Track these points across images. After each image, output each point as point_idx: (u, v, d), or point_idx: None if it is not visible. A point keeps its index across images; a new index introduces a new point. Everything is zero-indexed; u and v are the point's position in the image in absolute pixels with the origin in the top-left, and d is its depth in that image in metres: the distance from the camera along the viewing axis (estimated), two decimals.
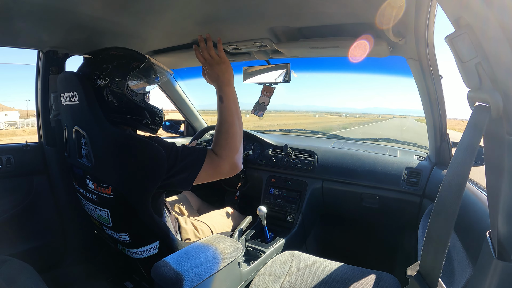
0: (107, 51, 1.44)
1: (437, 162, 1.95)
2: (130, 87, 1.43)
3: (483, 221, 1.07)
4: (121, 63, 1.40)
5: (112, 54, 1.42)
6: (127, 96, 1.42)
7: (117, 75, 1.39)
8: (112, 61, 1.39)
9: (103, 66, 1.38)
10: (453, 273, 1.07)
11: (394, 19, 1.15)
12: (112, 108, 1.41)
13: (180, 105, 2.92)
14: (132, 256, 1.55)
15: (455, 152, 0.60)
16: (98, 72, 1.37)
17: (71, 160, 1.54)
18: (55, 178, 2.06)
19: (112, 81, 1.38)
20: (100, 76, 1.37)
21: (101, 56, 1.41)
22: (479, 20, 0.52)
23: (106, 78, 1.37)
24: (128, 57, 1.44)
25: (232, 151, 1.46)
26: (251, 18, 1.46)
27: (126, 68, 1.41)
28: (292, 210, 2.32)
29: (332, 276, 1.48)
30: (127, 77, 1.41)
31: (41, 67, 1.95)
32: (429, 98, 1.66)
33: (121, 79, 1.40)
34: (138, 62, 1.44)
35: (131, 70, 1.42)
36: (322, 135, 3.07)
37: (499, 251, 0.57)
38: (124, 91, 1.41)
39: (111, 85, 1.38)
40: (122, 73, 1.40)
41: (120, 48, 1.47)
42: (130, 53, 1.47)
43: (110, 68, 1.38)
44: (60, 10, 1.38)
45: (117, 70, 1.39)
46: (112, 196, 1.39)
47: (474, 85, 0.57)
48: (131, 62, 1.43)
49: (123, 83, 1.40)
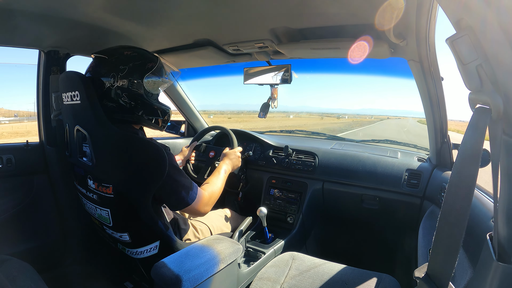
0: (120, 51, 1.45)
1: (437, 164, 1.95)
2: (146, 88, 1.46)
3: (483, 223, 1.06)
4: (137, 64, 1.42)
5: (127, 54, 1.43)
6: (143, 96, 1.46)
7: (135, 76, 1.41)
8: (128, 62, 1.41)
9: (120, 67, 1.39)
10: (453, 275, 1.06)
11: (395, 20, 1.15)
12: (128, 109, 1.43)
13: (181, 106, 2.92)
14: (132, 256, 1.55)
15: (458, 154, 0.60)
16: (115, 73, 1.39)
17: (73, 159, 1.54)
18: (56, 178, 2.06)
19: (130, 82, 1.41)
20: (118, 77, 1.39)
21: (116, 57, 1.42)
22: (480, 22, 0.52)
23: (123, 79, 1.39)
24: (143, 58, 1.46)
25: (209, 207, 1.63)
26: (252, 19, 1.46)
27: (142, 69, 1.43)
28: (293, 211, 2.32)
29: (332, 277, 1.48)
30: (144, 78, 1.44)
31: (42, 67, 1.95)
32: (430, 100, 1.66)
33: (139, 80, 1.42)
34: (152, 62, 1.47)
35: (148, 71, 1.44)
36: (323, 136, 3.07)
37: (500, 253, 0.57)
38: (141, 92, 1.44)
39: (129, 86, 1.41)
40: (139, 74, 1.43)
41: (132, 48, 1.48)
42: (144, 53, 1.49)
43: (127, 69, 1.39)
44: (62, 10, 1.38)
45: (135, 71, 1.41)
46: (113, 196, 1.39)
47: (475, 87, 0.57)
48: (147, 63, 1.45)
49: (140, 84, 1.43)
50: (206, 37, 1.75)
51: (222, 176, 1.81)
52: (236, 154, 2.05)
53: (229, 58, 2.04)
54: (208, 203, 1.59)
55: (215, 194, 1.67)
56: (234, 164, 2.01)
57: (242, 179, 2.48)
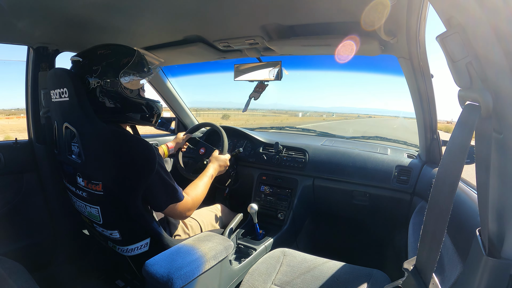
0: (93, 51, 1.42)
1: (427, 160, 1.97)
2: (123, 85, 1.42)
3: (473, 219, 1.08)
4: (110, 62, 1.39)
5: (100, 53, 1.40)
6: (122, 94, 1.42)
7: (109, 75, 1.38)
8: (101, 61, 1.37)
9: (93, 68, 1.36)
10: (443, 270, 1.08)
11: (385, 18, 1.15)
12: (109, 108, 1.41)
13: (171, 102, 2.90)
14: (123, 254, 1.54)
15: (446, 150, 0.61)
16: (89, 75, 1.36)
17: (61, 157, 1.52)
18: (45, 176, 2.04)
19: (104, 82, 1.37)
20: (91, 78, 1.36)
21: (89, 58, 1.39)
22: (470, 20, 0.52)
23: (97, 80, 1.36)
24: (117, 54, 1.42)
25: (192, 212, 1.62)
26: (242, 15, 1.45)
27: (116, 66, 1.39)
28: (283, 207, 2.33)
29: (323, 273, 1.49)
30: (119, 75, 1.40)
31: (31, 64, 1.93)
32: (419, 97, 1.67)
33: (113, 78, 1.39)
34: (128, 57, 1.43)
35: (122, 67, 1.40)
36: (313, 133, 3.08)
37: (489, 248, 0.58)
38: (118, 90, 1.41)
39: (104, 86, 1.37)
40: (113, 72, 1.39)
41: (107, 46, 1.44)
42: (118, 49, 1.45)
43: (100, 69, 1.36)
44: (51, 6, 1.36)
45: (108, 70, 1.38)
46: (102, 193, 1.38)
47: (465, 84, 0.57)
48: (121, 59, 1.41)
49: (115, 82, 1.39)
50: (196, 33, 1.74)
51: (207, 180, 1.82)
52: (226, 162, 2.09)
53: (219, 55, 2.03)
54: (191, 208, 1.59)
55: (198, 199, 1.67)
56: (220, 170, 2.05)
57: (231, 176, 2.47)
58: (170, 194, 1.47)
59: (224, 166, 2.05)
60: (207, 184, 1.79)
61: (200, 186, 1.72)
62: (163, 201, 1.46)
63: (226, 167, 2.07)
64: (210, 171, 1.89)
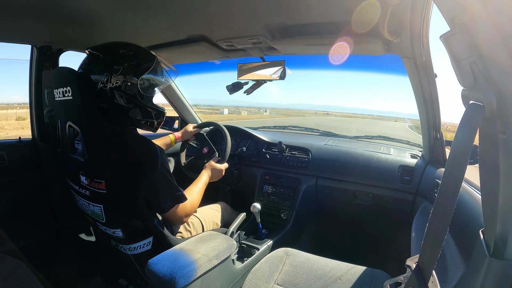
0: (115, 49, 1.41)
1: (430, 161, 1.96)
2: (141, 89, 1.42)
3: (476, 220, 1.07)
4: (132, 64, 1.38)
5: (123, 53, 1.39)
6: (137, 98, 1.42)
7: (129, 77, 1.38)
8: (123, 62, 1.37)
9: (114, 67, 1.35)
10: (446, 270, 1.07)
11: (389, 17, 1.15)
12: (119, 109, 1.41)
13: (174, 101, 2.90)
14: (125, 252, 1.54)
15: (451, 151, 0.61)
16: (109, 74, 1.35)
17: (65, 156, 1.53)
18: (49, 174, 2.05)
19: (124, 83, 1.37)
20: (111, 78, 1.35)
21: (111, 55, 1.39)
22: (474, 19, 0.52)
23: (117, 80, 1.35)
24: (139, 58, 1.42)
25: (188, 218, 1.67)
26: (246, 14, 1.45)
27: (137, 70, 1.40)
28: (286, 207, 2.32)
29: (326, 273, 1.49)
30: (138, 80, 1.40)
31: (34, 63, 1.94)
32: (423, 97, 1.66)
33: (133, 81, 1.39)
34: (148, 63, 1.43)
35: (143, 72, 1.41)
36: (316, 132, 3.07)
37: (492, 249, 0.58)
38: (136, 93, 1.41)
39: (123, 88, 1.37)
40: (134, 75, 1.39)
41: (128, 45, 1.44)
42: (140, 52, 1.45)
43: (121, 70, 1.36)
44: (55, 4, 1.36)
45: (129, 72, 1.38)
46: (105, 191, 1.38)
47: (469, 84, 0.57)
48: (142, 63, 1.41)
49: (135, 85, 1.39)
50: (200, 32, 1.74)
51: (201, 186, 1.84)
52: (221, 174, 2.05)
53: (223, 54, 2.03)
54: (189, 213, 1.62)
55: (195, 205, 1.71)
56: (213, 179, 2.02)
57: (233, 174, 2.47)
58: (171, 196, 1.49)
59: (217, 176, 2.04)
60: (201, 190, 1.83)
61: (196, 192, 1.75)
62: (166, 203, 1.47)
63: (220, 177, 2.05)
64: (204, 177, 1.90)
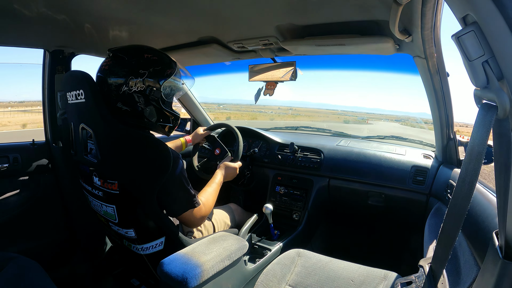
0: (140, 52, 1.43)
1: (443, 161, 1.94)
2: (163, 95, 1.45)
3: (490, 221, 1.06)
4: (157, 69, 1.41)
5: (147, 57, 1.41)
6: (159, 103, 1.45)
7: (154, 82, 1.40)
8: (149, 66, 1.39)
9: (139, 71, 1.37)
10: (459, 272, 1.06)
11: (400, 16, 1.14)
12: (142, 114, 1.43)
13: (186, 103, 2.92)
14: (138, 252, 1.56)
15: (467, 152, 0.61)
16: (134, 77, 1.37)
17: (78, 157, 1.55)
18: (62, 176, 2.07)
19: (149, 88, 1.39)
20: (137, 81, 1.37)
21: (136, 59, 1.40)
22: (486, 17, 0.51)
23: (142, 84, 1.38)
24: (163, 63, 1.44)
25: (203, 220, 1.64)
26: (257, 15, 1.45)
27: (161, 75, 1.42)
28: (298, 208, 2.32)
29: (338, 274, 1.48)
30: (162, 85, 1.42)
31: (47, 67, 1.97)
32: (435, 96, 1.65)
33: (157, 87, 1.41)
34: (171, 69, 1.45)
35: (166, 77, 1.43)
36: (328, 133, 3.05)
37: (506, 251, 0.57)
38: (157, 98, 1.43)
39: (147, 92, 1.40)
40: (158, 80, 1.41)
41: (152, 51, 1.46)
42: (163, 58, 1.47)
43: (146, 74, 1.38)
44: (66, 9, 1.38)
45: (154, 77, 1.40)
46: (118, 192, 1.40)
47: (481, 84, 0.56)
48: (166, 69, 1.44)
49: (158, 90, 1.42)
50: (211, 34, 1.75)
51: (216, 187, 1.81)
52: (235, 172, 2.03)
53: (234, 56, 2.04)
54: (205, 215, 1.60)
55: (210, 206, 1.68)
56: (228, 178, 2.00)
57: (245, 175, 2.47)
58: (185, 201, 1.50)
59: (232, 175, 2.01)
60: (216, 190, 1.81)
61: (210, 193, 1.73)
62: (177, 207, 1.49)
63: (234, 175, 2.04)
64: (219, 177, 1.88)
